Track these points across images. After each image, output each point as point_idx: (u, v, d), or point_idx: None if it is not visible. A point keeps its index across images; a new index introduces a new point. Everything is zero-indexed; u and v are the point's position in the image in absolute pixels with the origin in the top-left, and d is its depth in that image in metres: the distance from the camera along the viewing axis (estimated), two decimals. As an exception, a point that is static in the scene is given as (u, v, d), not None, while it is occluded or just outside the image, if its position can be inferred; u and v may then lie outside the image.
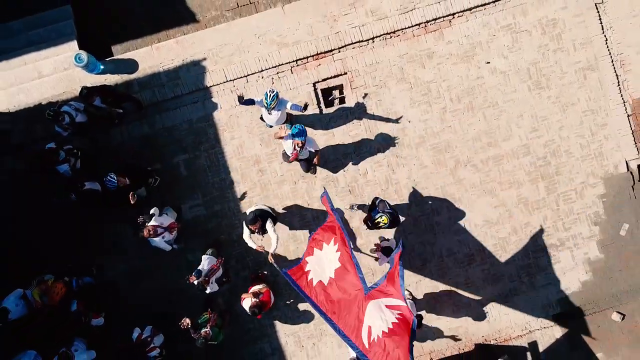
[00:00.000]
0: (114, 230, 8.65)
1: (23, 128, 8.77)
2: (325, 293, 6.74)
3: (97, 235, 8.61)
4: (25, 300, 7.71)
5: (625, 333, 9.06)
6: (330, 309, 6.63)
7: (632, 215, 9.00)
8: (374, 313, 6.40)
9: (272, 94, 7.45)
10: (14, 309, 7.51)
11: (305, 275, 6.96)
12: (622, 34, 8.99)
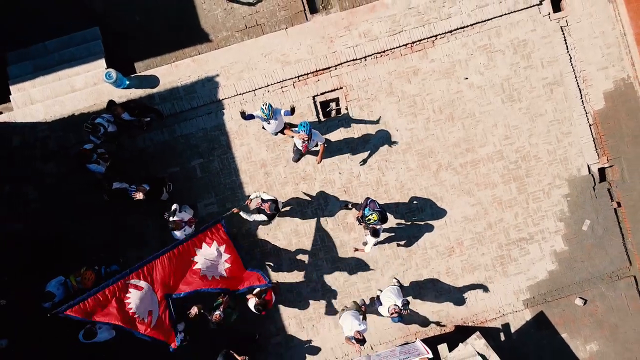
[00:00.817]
0: (138, 224, 9.87)
1: (59, 136, 10.00)
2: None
3: (124, 229, 9.82)
4: (64, 286, 8.95)
5: (586, 316, 10.28)
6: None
7: (593, 212, 10.23)
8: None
9: (266, 106, 8.60)
10: (56, 293, 8.77)
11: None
12: (584, 53, 10.21)
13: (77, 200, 9.85)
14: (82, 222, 9.78)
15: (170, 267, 8.37)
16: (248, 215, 9.11)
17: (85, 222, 9.79)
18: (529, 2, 10.14)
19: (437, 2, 10.10)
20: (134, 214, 9.78)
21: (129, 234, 9.86)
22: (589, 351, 10.27)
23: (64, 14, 10.51)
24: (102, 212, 9.66)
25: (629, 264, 10.30)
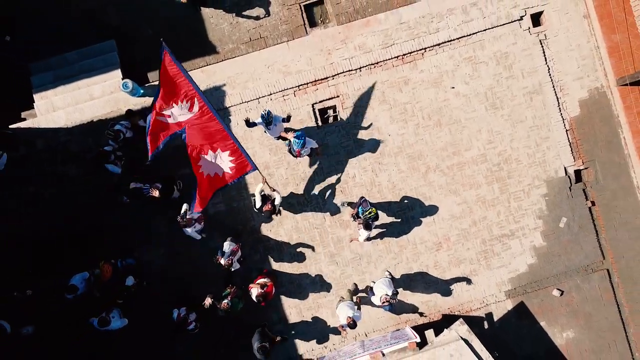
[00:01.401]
0: (152, 221, 10.77)
1: (78, 140, 10.90)
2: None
3: (138, 226, 10.73)
4: (87, 282, 9.86)
5: (563, 306, 11.18)
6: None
7: (569, 211, 11.14)
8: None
9: (266, 112, 9.49)
10: (79, 286, 9.68)
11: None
12: (561, 65, 11.12)
13: (95, 199, 10.75)
14: (99, 219, 10.66)
15: None
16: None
17: (102, 219, 10.67)
18: (510, 17, 11.04)
19: (426, 17, 11.00)
20: (148, 212, 10.66)
21: (142, 230, 10.75)
22: (565, 338, 11.18)
23: (83, 28, 11.39)
24: (118, 210, 10.53)
25: (602, 258, 11.20)
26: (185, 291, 10.60)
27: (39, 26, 11.43)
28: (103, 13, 11.52)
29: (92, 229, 10.71)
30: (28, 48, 11.36)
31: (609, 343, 11.19)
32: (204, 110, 8.56)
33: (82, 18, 11.45)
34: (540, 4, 11.07)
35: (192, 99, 8.45)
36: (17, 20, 11.47)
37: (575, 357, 11.15)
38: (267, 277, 10.31)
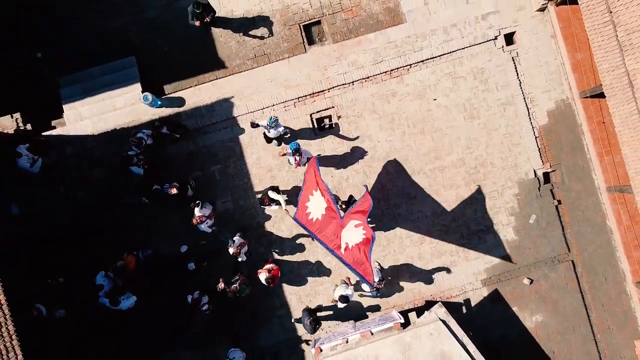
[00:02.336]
0: (168, 217, 12.18)
1: (103, 146, 12.30)
2: (319, 224, 10.28)
3: (156, 221, 12.14)
4: (108, 278, 11.26)
5: (532, 293, 12.59)
6: (322, 234, 10.28)
7: (538, 209, 12.55)
8: (347, 233, 9.94)
9: (274, 118, 10.97)
10: (104, 284, 11.11)
11: (307, 215, 10.48)
12: (531, 79, 12.53)
13: (118, 199, 12.16)
14: (121, 216, 12.08)
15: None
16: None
17: (124, 216, 12.08)
18: (486, 37, 12.45)
19: (411, 37, 12.41)
20: (165, 209, 12.07)
21: (160, 225, 12.17)
22: (535, 321, 12.60)
23: (106, 46, 12.78)
24: (138, 208, 11.93)
25: (567, 250, 12.62)
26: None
27: (67, 44, 12.81)
28: (124, 32, 12.91)
29: (113, 226, 12.12)
30: (57, 63, 12.75)
31: (574, 326, 12.60)
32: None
33: (106, 37, 12.83)
34: (513, 25, 12.48)
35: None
36: (48, 38, 12.85)
37: (543, 339, 12.57)
38: (272, 264, 11.75)
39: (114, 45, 12.83)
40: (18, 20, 12.79)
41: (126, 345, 11.94)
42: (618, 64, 9.60)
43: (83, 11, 12.88)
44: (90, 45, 12.81)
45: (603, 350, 12.65)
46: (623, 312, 12.57)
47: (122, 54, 12.80)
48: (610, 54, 9.79)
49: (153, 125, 11.52)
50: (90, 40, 12.82)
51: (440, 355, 10.85)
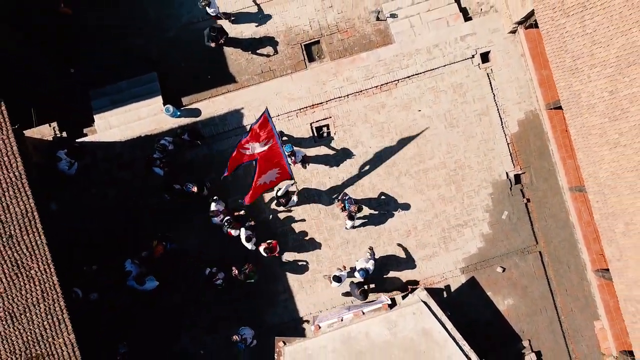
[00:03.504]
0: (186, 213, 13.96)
1: (130, 152, 14.08)
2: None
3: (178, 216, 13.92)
4: (135, 264, 13.05)
5: (505, 280, 14.37)
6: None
7: (509, 206, 14.33)
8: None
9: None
10: (132, 269, 12.90)
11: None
12: (504, 92, 14.31)
13: (144, 198, 13.95)
14: (146, 213, 13.86)
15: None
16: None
17: (149, 213, 13.86)
18: (464, 56, 14.24)
19: (399, 56, 14.20)
20: (183, 206, 13.85)
21: (181, 219, 13.95)
22: (506, 304, 14.38)
23: (131, 62, 14.55)
24: (161, 205, 13.71)
25: (535, 243, 14.41)
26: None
27: (97, 60, 14.58)
28: (147, 50, 14.69)
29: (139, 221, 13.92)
30: (89, 78, 14.52)
31: (541, 308, 14.38)
32: (274, 146, 11.70)
33: (131, 54, 14.60)
34: (488, 46, 14.27)
35: (269, 139, 11.58)
36: (80, 55, 14.63)
37: (514, 319, 14.35)
38: (272, 239, 13.51)
39: (138, 61, 14.60)
40: (54, 41, 14.53)
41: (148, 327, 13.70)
42: (570, 83, 11.36)
43: (110, 32, 14.63)
44: (117, 61, 14.56)
45: (566, 330, 14.43)
46: (584, 297, 14.36)
47: (145, 69, 14.59)
48: (565, 74, 11.54)
49: (175, 133, 13.31)
50: (117, 58, 14.57)
51: (422, 332, 12.63)
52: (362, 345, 12.60)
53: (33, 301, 10.30)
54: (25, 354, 10.13)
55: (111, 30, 14.65)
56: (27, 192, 10.48)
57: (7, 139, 10.47)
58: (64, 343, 10.38)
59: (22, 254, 10.32)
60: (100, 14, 14.65)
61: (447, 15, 14.46)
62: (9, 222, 10.31)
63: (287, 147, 12.85)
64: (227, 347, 13.64)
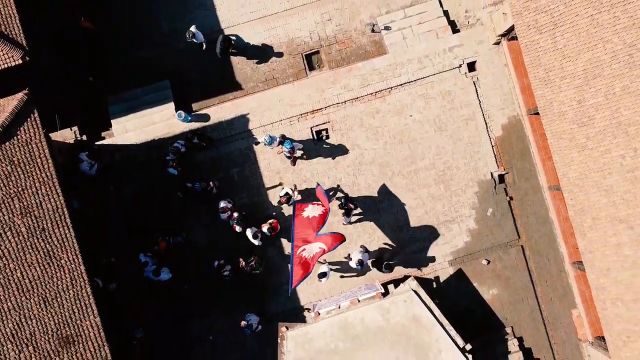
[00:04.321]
0: (196, 209, 15.19)
1: (144, 153, 15.31)
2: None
3: (187, 213, 15.16)
4: (149, 257, 14.30)
5: (489, 272, 15.61)
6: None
7: (494, 203, 15.58)
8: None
9: (267, 135, 14.13)
10: (148, 261, 14.16)
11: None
12: (489, 99, 15.55)
13: (157, 196, 15.17)
14: (158, 209, 15.08)
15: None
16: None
17: (160, 209, 15.09)
18: (452, 65, 15.48)
19: (392, 65, 15.44)
20: (195, 203, 15.09)
21: (189, 216, 15.18)
22: (491, 294, 15.62)
23: (146, 71, 15.77)
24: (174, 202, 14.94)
25: (517, 237, 15.65)
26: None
27: (113, 69, 15.82)
28: (160, 60, 15.91)
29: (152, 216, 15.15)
30: (107, 86, 15.75)
31: (522, 298, 15.62)
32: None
33: (145, 64, 15.83)
34: (474, 56, 15.51)
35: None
36: (98, 65, 15.86)
37: (498, 308, 15.59)
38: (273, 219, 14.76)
39: (152, 70, 15.82)
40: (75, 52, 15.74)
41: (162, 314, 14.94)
42: (544, 93, 12.59)
43: (126, 44, 15.86)
44: (132, 70, 15.78)
45: (546, 318, 15.68)
46: (562, 287, 15.60)
47: (158, 77, 15.81)
48: (539, 84, 12.77)
49: (186, 137, 14.56)
50: (132, 67, 15.80)
51: (412, 318, 13.88)
52: (357, 330, 13.85)
53: (63, 287, 11.53)
54: (56, 334, 11.36)
55: (127, 42, 15.86)
56: (57, 191, 11.71)
57: (39, 142, 11.70)
58: (90, 325, 11.62)
59: (53, 246, 11.55)
60: (118, 27, 15.86)
61: (437, 28, 15.70)
62: (41, 217, 11.53)
63: (286, 144, 14.12)
64: (234, 333, 14.90)
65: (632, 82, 11.11)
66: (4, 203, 11.25)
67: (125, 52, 15.88)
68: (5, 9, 12.19)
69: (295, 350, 13.81)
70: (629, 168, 11.39)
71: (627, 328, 11.99)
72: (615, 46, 11.18)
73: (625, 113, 11.27)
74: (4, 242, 11.18)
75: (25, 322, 11.20)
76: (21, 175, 11.48)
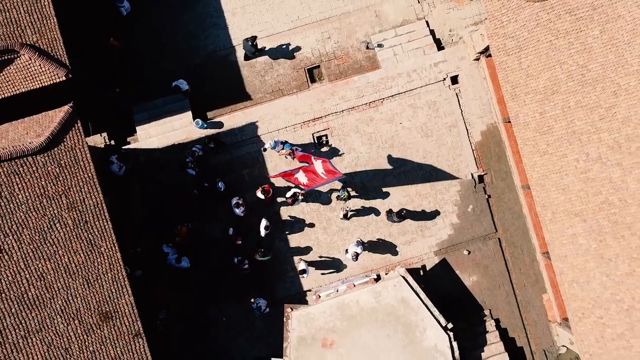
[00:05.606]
0: (209, 203, 17.26)
1: (165, 157, 17.37)
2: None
3: (203, 206, 17.22)
4: (171, 247, 16.36)
5: (470, 261, 17.67)
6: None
7: (474, 201, 17.64)
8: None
9: (272, 141, 16.16)
10: (169, 251, 16.23)
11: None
12: (469, 108, 17.62)
13: (176, 194, 17.23)
14: (178, 204, 17.15)
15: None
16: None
17: (180, 204, 17.15)
18: (437, 79, 17.55)
19: (384, 79, 17.50)
20: (209, 199, 17.15)
21: (205, 209, 17.24)
22: (471, 281, 17.69)
23: (166, 83, 17.82)
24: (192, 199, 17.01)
25: (495, 230, 17.72)
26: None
27: (137, 82, 17.87)
28: (178, 73, 17.92)
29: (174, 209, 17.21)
30: (132, 97, 17.80)
31: (499, 284, 17.69)
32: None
33: (166, 77, 17.86)
34: (456, 70, 17.58)
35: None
36: (125, 78, 17.92)
37: (477, 293, 17.66)
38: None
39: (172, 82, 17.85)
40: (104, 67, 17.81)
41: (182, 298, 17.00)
42: (511, 106, 14.66)
43: (149, 59, 17.91)
44: (154, 81, 17.82)
45: (520, 302, 17.74)
46: (534, 274, 17.67)
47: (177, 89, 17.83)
48: (508, 98, 14.83)
49: (204, 142, 16.62)
50: (154, 80, 17.84)
51: (401, 300, 15.96)
52: (353, 310, 15.94)
53: (103, 271, 13.58)
54: (97, 310, 13.40)
55: (149, 58, 17.91)
56: (97, 189, 13.76)
57: (82, 148, 13.74)
58: (126, 303, 13.67)
59: (94, 235, 13.59)
60: (141, 45, 17.90)
61: (424, 46, 17.78)
62: (84, 211, 13.57)
63: (286, 146, 16.20)
64: (245, 315, 16.97)
65: (584, 98, 13.20)
66: (54, 199, 13.28)
67: (147, 66, 17.92)
68: (51, 33, 14.21)
69: (299, 327, 15.90)
70: (582, 170, 13.48)
71: (581, 306, 14.08)
72: (570, 67, 13.27)
73: (578, 123, 13.35)
74: (55, 232, 13.22)
75: (72, 299, 13.24)
76: (67, 176, 13.52)
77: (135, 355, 13.63)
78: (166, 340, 16.40)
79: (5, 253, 12.77)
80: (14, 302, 12.78)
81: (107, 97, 17.86)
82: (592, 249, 13.57)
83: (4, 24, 13.89)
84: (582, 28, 12.97)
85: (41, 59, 14.00)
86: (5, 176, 12.91)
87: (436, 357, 15.73)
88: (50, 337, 13.01)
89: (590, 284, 13.69)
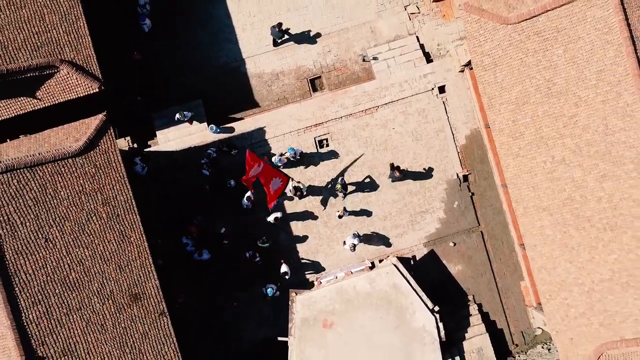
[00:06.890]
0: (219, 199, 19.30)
1: (183, 158, 19.40)
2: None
3: (212, 202, 19.27)
4: (189, 239, 18.42)
5: (455, 252, 19.71)
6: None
7: (459, 198, 19.68)
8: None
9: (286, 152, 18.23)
10: (188, 242, 18.29)
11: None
12: (455, 115, 19.67)
13: (191, 191, 19.28)
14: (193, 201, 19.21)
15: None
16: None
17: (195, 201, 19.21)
18: (426, 88, 19.59)
19: (379, 88, 19.54)
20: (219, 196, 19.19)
21: (214, 204, 19.28)
22: (457, 269, 19.73)
23: (183, 92, 19.85)
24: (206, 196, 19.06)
25: (478, 224, 19.77)
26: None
27: (157, 91, 19.89)
28: (194, 83, 19.98)
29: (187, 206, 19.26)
30: (151, 104, 19.83)
31: (481, 272, 19.74)
32: (265, 166, 17.23)
33: (182, 86, 19.91)
34: (443, 81, 19.62)
35: (259, 163, 17.05)
36: (145, 87, 19.95)
37: (462, 280, 19.71)
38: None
39: (188, 91, 19.90)
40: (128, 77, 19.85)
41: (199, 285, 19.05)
42: (489, 114, 16.70)
43: (167, 70, 19.94)
44: (171, 90, 19.85)
45: (501, 288, 19.79)
46: (513, 264, 19.72)
47: (192, 97, 19.88)
48: (487, 107, 16.86)
49: (218, 145, 18.69)
50: (172, 89, 19.88)
51: (393, 286, 18.01)
52: (350, 295, 18.01)
53: (132, 258, 15.64)
54: (128, 292, 15.46)
55: (167, 69, 19.95)
56: (127, 186, 15.81)
57: (114, 151, 15.80)
58: (152, 286, 15.73)
59: (125, 227, 15.65)
60: (160, 57, 19.94)
61: (414, 59, 19.81)
62: (117, 206, 15.62)
63: (290, 150, 18.27)
64: (255, 301, 19.02)
65: (550, 108, 15.25)
66: (91, 196, 15.34)
67: (166, 77, 19.95)
68: (86, 51, 16.25)
69: (302, 310, 17.96)
70: (548, 170, 15.53)
71: (549, 289, 16.13)
72: (538, 81, 15.31)
73: (545, 130, 15.40)
74: (91, 224, 15.28)
75: (106, 282, 15.30)
76: (102, 175, 15.57)
77: (161, 332, 15.69)
78: (184, 322, 18.45)
79: (50, 242, 14.81)
80: (57, 284, 14.82)
81: (130, 104, 19.88)
82: (557, 239, 15.62)
83: (46, 43, 15.92)
84: (548, 47, 15.00)
85: (78, 73, 16.03)
86: (50, 176, 14.96)
87: (424, 336, 17.80)
88: (88, 314, 15.06)
89: (556, 269, 15.74)
